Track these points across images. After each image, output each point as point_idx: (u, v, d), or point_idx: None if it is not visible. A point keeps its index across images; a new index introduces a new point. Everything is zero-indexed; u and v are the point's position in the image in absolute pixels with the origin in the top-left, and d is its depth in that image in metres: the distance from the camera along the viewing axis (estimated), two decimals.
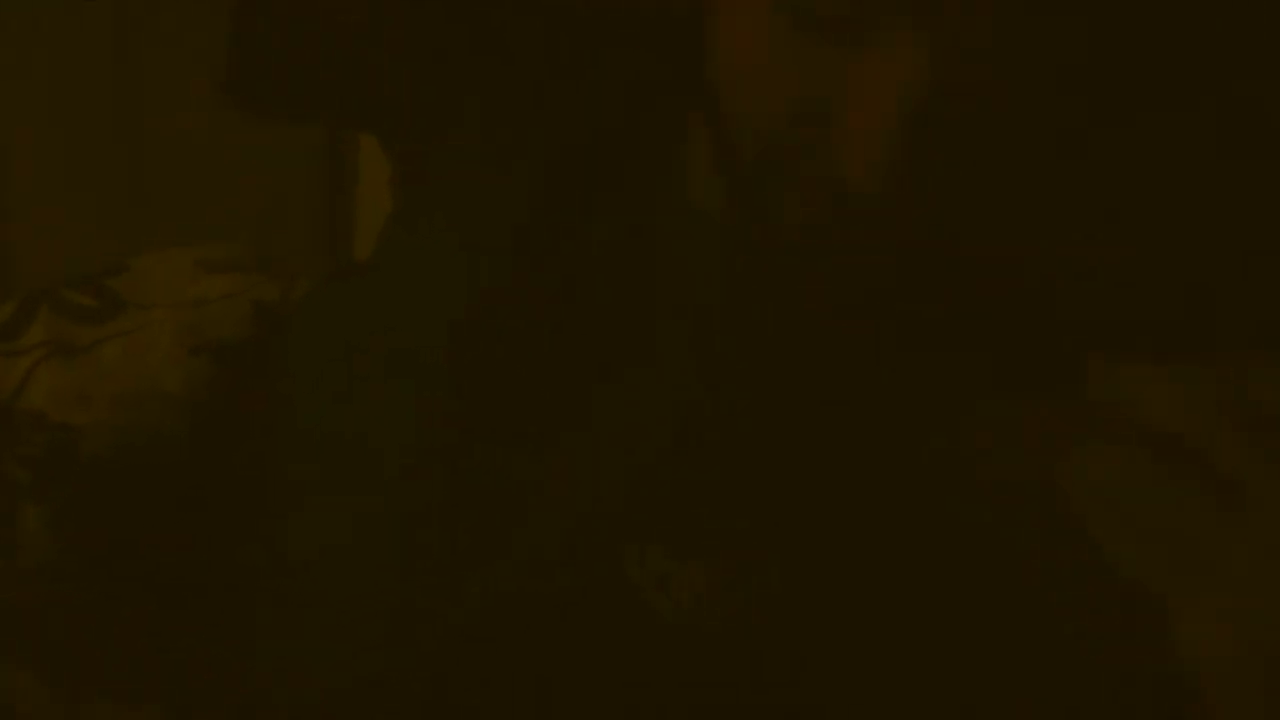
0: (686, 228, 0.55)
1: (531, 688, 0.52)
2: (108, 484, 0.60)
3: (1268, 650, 0.35)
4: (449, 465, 0.54)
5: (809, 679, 0.49)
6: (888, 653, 0.49)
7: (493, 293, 0.56)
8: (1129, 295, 0.50)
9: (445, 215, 0.59)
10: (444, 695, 0.53)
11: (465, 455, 0.54)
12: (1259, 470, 0.35)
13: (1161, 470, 0.36)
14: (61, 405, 0.61)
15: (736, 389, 0.52)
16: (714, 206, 0.53)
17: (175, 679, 0.60)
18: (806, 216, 0.47)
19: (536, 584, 0.52)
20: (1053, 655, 0.47)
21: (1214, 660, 0.36)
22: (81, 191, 1.62)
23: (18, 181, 1.61)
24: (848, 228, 0.46)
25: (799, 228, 0.47)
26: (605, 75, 0.59)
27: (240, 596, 0.59)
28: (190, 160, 1.66)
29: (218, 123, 1.68)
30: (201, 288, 0.66)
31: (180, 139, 1.65)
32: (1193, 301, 0.49)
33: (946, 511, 0.49)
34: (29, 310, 0.65)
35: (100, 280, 0.68)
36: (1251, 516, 0.35)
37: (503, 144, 0.58)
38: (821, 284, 0.49)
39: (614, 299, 0.55)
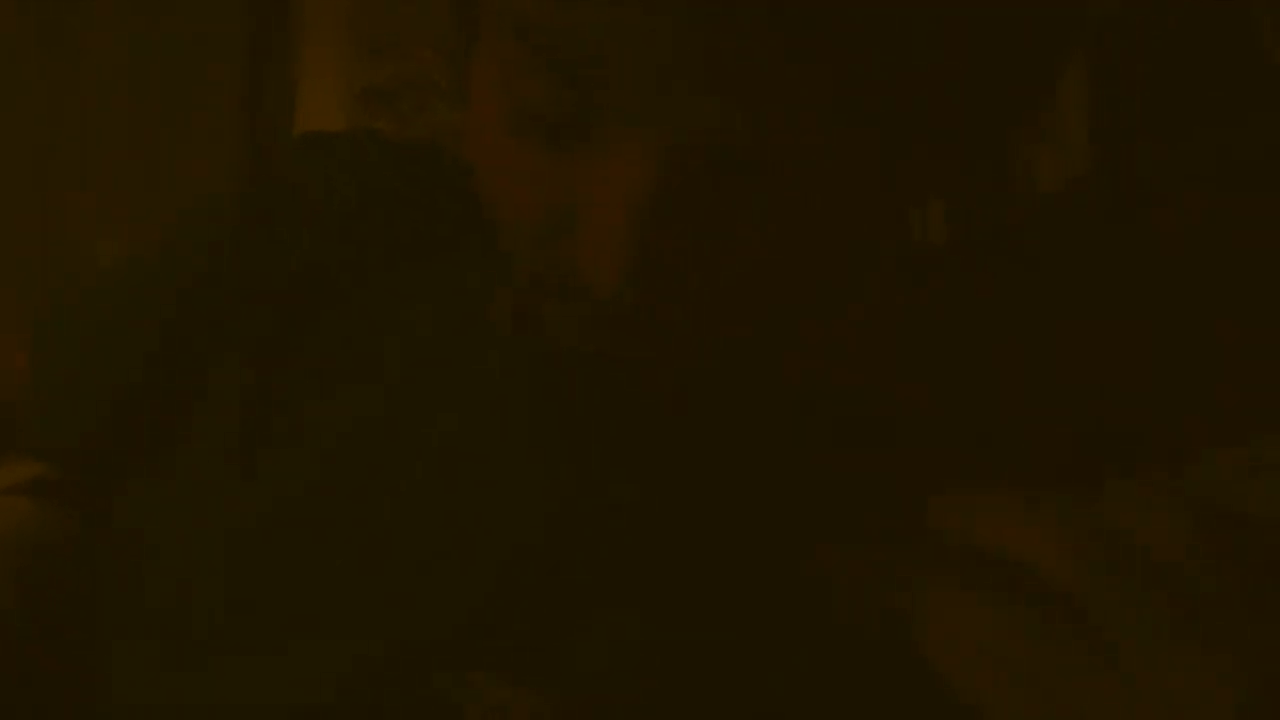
0: (487, 351, 0.54)
1: None
2: None
3: None
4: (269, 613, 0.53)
5: None
6: None
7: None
8: (975, 421, 0.48)
9: None
10: None
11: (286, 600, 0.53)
12: (1128, 618, 0.33)
13: (1024, 614, 0.34)
14: None
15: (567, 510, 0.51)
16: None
17: None
18: (570, 328, 0.46)
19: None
20: None
21: None
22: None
23: None
24: (606, 335, 0.45)
25: (565, 340, 0.46)
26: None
27: None
28: (114, 146, 1.60)
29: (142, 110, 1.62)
30: None
31: (105, 126, 1.60)
32: (1040, 424, 0.47)
33: (795, 654, 0.47)
34: None
35: None
36: (1123, 667, 0.32)
37: None
38: (603, 395, 0.48)
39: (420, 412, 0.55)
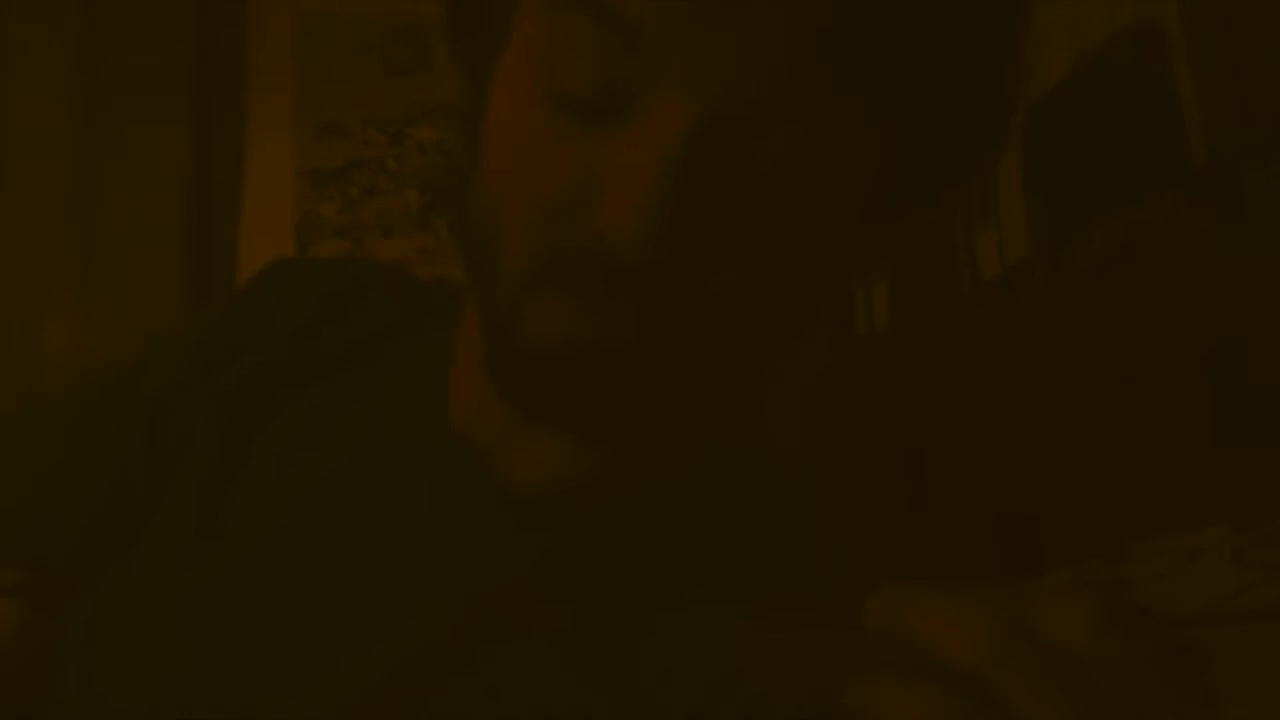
0: (445, 460, 0.54)
1: None
2: None
3: None
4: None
5: None
6: None
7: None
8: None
9: None
10: None
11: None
12: (1035, 705, 0.31)
13: (946, 700, 0.32)
14: None
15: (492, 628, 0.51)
16: (473, 426, 0.53)
17: None
18: (557, 322, 0.45)
19: None
20: None
21: None
22: None
23: None
24: (597, 328, 0.45)
25: (564, 340, 0.45)
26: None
27: None
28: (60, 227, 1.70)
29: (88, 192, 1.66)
30: None
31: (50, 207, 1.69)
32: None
33: None
34: None
35: None
36: None
37: None
38: (583, 410, 0.48)
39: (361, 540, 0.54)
